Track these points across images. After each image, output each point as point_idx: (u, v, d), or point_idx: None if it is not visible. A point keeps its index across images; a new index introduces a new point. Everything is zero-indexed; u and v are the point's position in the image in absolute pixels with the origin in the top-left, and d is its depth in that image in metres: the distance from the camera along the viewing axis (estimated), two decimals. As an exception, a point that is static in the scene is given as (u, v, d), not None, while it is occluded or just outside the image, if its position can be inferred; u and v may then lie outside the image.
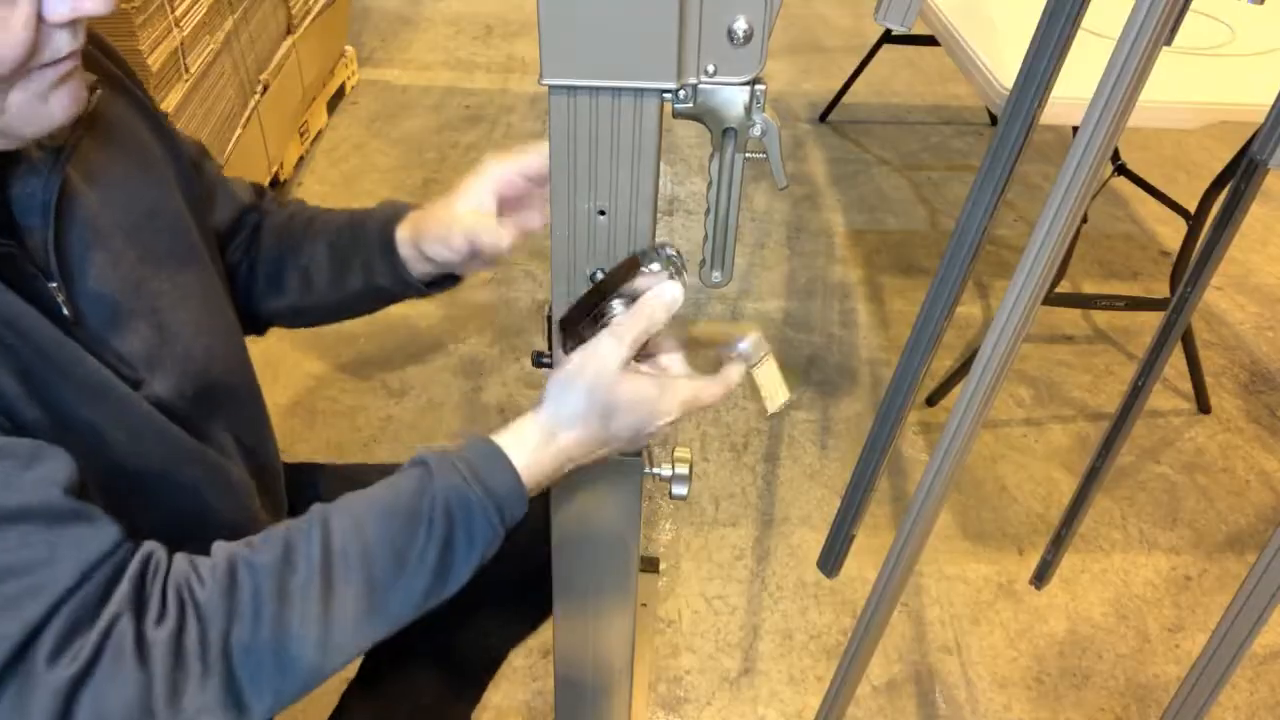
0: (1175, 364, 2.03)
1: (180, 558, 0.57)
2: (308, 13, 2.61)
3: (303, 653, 0.56)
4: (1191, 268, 0.90)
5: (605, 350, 0.63)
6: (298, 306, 0.89)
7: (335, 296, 0.88)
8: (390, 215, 0.85)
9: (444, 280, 0.86)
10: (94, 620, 0.51)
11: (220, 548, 0.58)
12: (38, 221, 0.61)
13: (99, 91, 0.64)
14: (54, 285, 0.61)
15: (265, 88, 2.28)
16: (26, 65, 0.53)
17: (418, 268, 0.83)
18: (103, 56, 0.72)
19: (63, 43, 0.54)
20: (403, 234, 0.83)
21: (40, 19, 0.52)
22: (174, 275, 0.71)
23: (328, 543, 0.58)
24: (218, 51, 2.03)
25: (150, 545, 0.56)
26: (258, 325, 0.91)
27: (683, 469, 0.79)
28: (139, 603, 0.53)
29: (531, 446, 0.64)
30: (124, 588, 0.53)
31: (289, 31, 2.51)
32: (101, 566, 0.53)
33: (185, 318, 0.71)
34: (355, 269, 0.85)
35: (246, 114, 2.18)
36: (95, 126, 0.66)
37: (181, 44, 1.85)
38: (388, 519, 0.60)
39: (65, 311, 0.62)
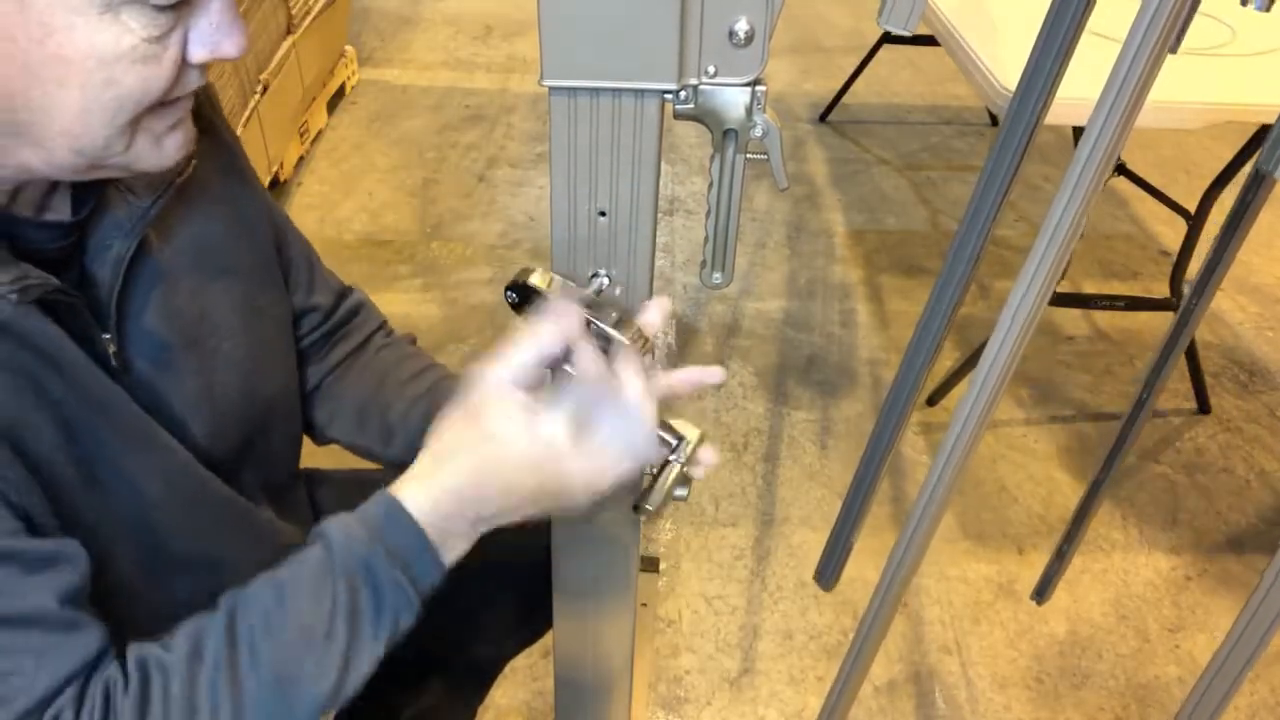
0: (1175, 364, 2.02)
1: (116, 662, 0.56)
2: (308, 13, 2.61)
3: None
4: (1197, 276, 0.89)
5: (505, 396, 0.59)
6: (368, 450, 0.85)
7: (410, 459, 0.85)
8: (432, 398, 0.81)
9: None
10: None
11: (133, 648, 0.57)
12: (107, 275, 0.62)
13: (194, 161, 0.65)
14: (107, 337, 0.62)
15: (265, 88, 2.28)
16: (162, 100, 0.55)
17: None
18: (205, 103, 0.73)
19: (193, 81, 0.57)
20: None
21: (183, 60, 0.55)
22: (231, 336, 0.71)
23: (233, 634, 0.56)
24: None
25: (119, 658, 0.56)
26: (316, 436, 0.87)
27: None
28: (77, 708, 0.53)
29: (425, 483, 0.59)
30: (68, 696, 0.53)
31: (289, 31, 2.50)
32: (73, 681, 0.53)
33: (233, 380, 0.71)
34: (383, 440, 0.83)
35: (246, 114, 2.18)
36: (182, 195, 0.67)
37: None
38: (290, 598, 0.57)
39: (114, 362, 0.62)
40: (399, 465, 0.75)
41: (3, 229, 0.57)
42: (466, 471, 0.58)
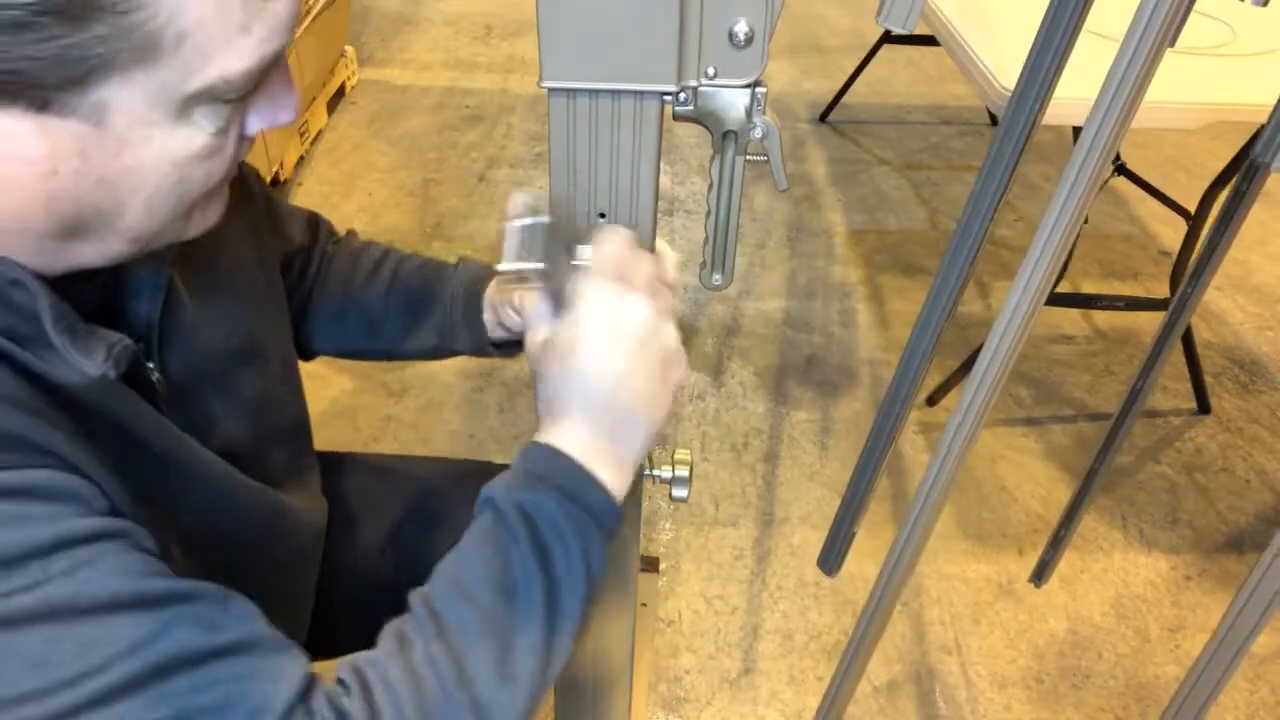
0: (1175, 364, 2.03)
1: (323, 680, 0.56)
2: (308, 13, 2.61)
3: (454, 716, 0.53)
4: (1192, 268, 0.90)
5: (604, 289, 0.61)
6: (357, 349, 0.90)
7: (401, 348, 0.89)
8: (474, 277, 0.85)
9: (512, 345, 0.85)
10: None
11: (343, 661, 0.56)
12: (145, 307, 0.62)
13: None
14: (151, 365, 0.62)
15: (265, 88, 2.28)
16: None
17: (493, 333, 0.84)
18: None
19: (244, 150, 0.57)
20: (487, 298, 0.83)
21: (242, 136, 0.55)
22: (245, 334, 0.72)
23: (430, 607, 0.56)
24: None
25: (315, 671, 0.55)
26: (304, 354, 0.91)
27: (683, 471, 0.79)
28: None
29: (563, 426, 0.60)
30: (299, 709, 0.51)
31: (289, 31, 2.50)
32: (307, 692, 0.52)
33: (252, 376, 0.72)
34: (429, 328, 0.86)
35: (246, 114, 2.18)
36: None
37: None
38: (473, 558, 0.58)
39: (159, 390, 0.62)
40: (389, 353, 0.89)
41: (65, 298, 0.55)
42: (586, 392, 0.59)
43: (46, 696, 0.46)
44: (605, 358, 0.59)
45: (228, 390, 0.70)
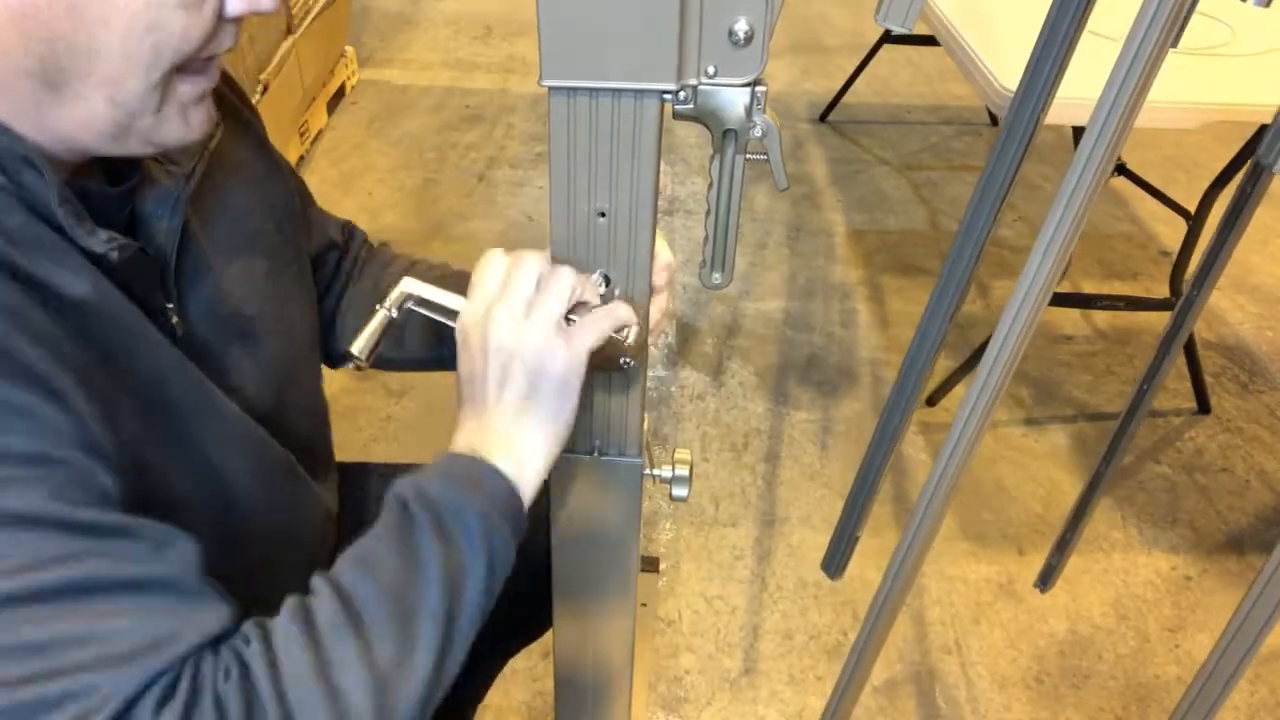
0: (1175, 364, 2.02)
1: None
2: (308, 13, 2.61)
3: (354, 689, 0.53)
4: (1196, 271, 0.89)
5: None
6: (388, 358, 0.89)
7: (424, 357, 0.88)
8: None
9: None
10: (187, 679, 0.51)
11: (250, 620, 0.57)
12: (163, 241, 0.64)
13: (222, 126, 0.67)
14: (171, 306, 0.64)
15: (265, 88, 2.28)
16: (198, 55, 0.56)
17: None
18: (225, 87, 0.74)
19: (227, 39, 0.58)
20: None
21: (221, 13, 0.56)
22: (268, 300, 0.73)
23: (332, 579, 0.57)
24: (217, 51, 2.03)
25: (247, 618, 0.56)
26: (332, 361, 0.92)
27: (683, 470, 0.79)
28: (215, 661, 0.52)
29: (461, 420, 0.64)
30: (213, 654, 0.52)
31: (289, 31, 2.50)
32: (214, 645, 0.53)
33: (275, 344, 0.74)
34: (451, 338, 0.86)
35: (246, 114, 2.18)
36: (213, 153, 0.69)
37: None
38: (376, 537, 0.59)
39: (178, 331, 0.64)
40: (406, 365, 0.89)
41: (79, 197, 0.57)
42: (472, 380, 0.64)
43: None
44: (481, 343, 0.64)
45: (251, 353, 0.71)
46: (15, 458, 0.50)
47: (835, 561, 1.16)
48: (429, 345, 0.87)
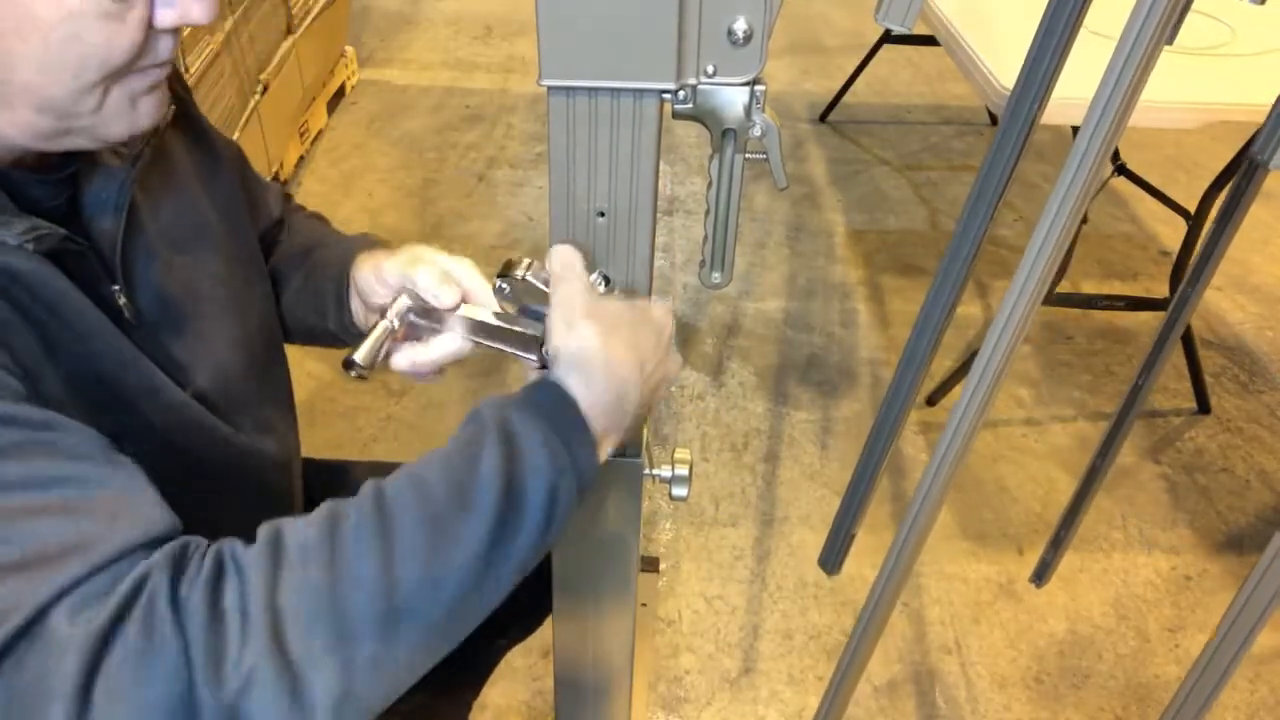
0: (1175, 364, 2.03)
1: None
2: (308, 13, 2.61)
3: (362, 602, 0.48)
4: (1192, 267, 0.90)
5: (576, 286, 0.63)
6: (323, 332, 0.85)
7: (308, 327, 0.85)
8: (349, 251, 0.79)
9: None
10: (121, 581, 0.46)
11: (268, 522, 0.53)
12: (109, 224, 0.63)
13: (173, 106, 0.67)
14: (116, 288, 0.63)
15: (265, 88, 2.28)
16: (131, 66, 0.55)
17: (360, 317, 0.79)
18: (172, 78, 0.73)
19: (164, 49, 0.57)
20: (358, 272, 0.77)
21: (150, 24, 0.55)
22: (216, 286, 0.73)
23: (379, 491, 0.52)
24: (218, 51, 2.03)
25: (197, 537, 0.53)
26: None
27: (683, 470, 0.79)
28: (175, 567, 0.48)
29: (568, 369, 0.59)
30: (159, 555, 0.48)
31: (289, 31, 2.51)
32: (152, 545, 0.49)
33: (222, 329, 0.73)
34: (313, 308, 0.82)
35: (246, 114, 2.18)
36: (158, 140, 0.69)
37: (181, 44, 1.85)
38: (441, 459, 0.54)
39: (126, 314, 0.64)
40: (340, 334, 0.83)
41: (4, 185, 0.57)
42: (602, 349, 0.59)
43: None
44: (604, 344, 0.60)
45: (204, 338, 0.70)
46: None
47: (832, 558, 1.17)
48: (308, 317, 0.83)
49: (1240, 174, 0.83)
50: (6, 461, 0.48)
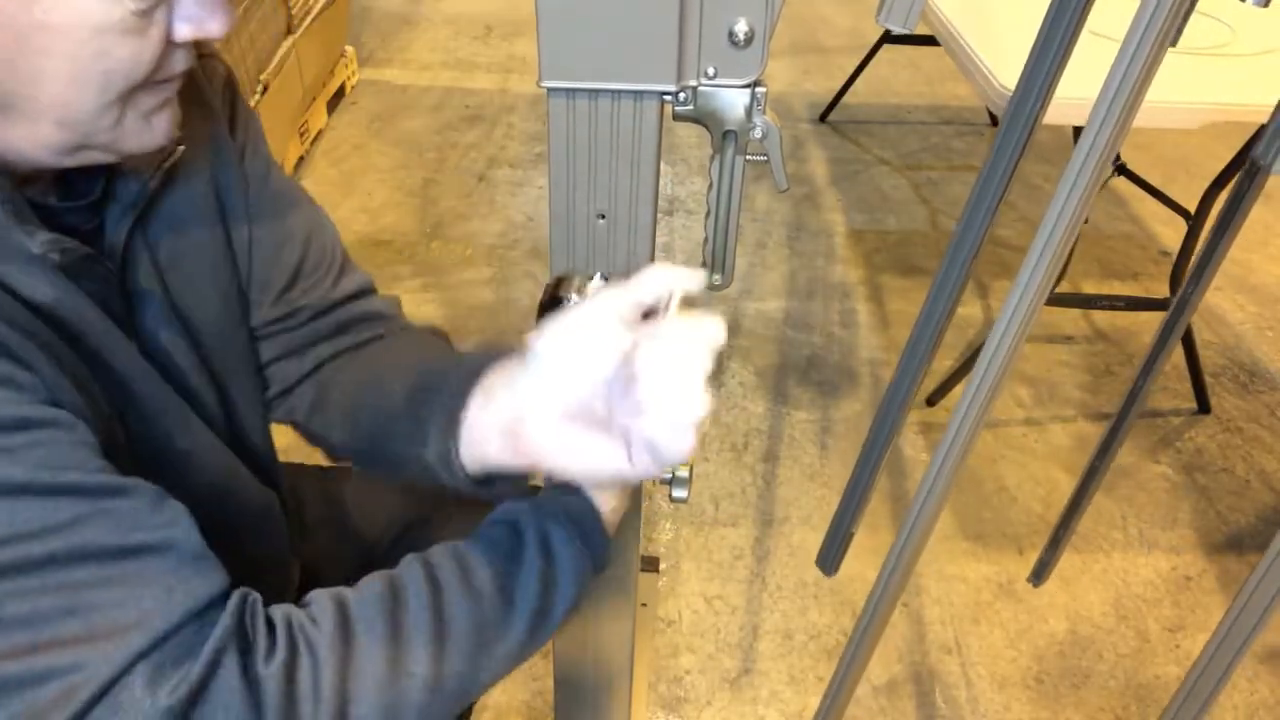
0: (1175, 364, 2.03)
1: (275, 606, 0.56)
2: (308, 13, 2.61)
3: (413, 690, 0.55)
4: (1192, 269, 0.90)
5: None
6: (344, 450, 0.78)
7: (391, 463, 0.73)
8: (472, 371, 0.64)
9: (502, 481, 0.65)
10: (196, 655, 0.50)
11: (321, 591, 0.57)
12: (117, 221, 0.64)
13: (181, 147, 0.66)
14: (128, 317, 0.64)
15: (265, 88, 2.28)
16: (150, 79, 0.56)
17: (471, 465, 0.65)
18: (210, 93, 0.72)
19: (179, 62, 0.58)
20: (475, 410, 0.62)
21: (168, 38, 0.56)
22: (217, 323, 0.72)
23: (433, 577, 0.58)
24: (217, 52, 2.02)
25: (242, 588, 0.56)
26: (309, 433, 0.82)
27: (683, 472, 0.79)
28: (243, 639, 0.52)
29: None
30: (225, 624, 0.52)
31: (289, 31, 2.51)
32: (210, 610, 0.52)
33: (229, 361, 0.73)
34: (416, 442, 0.67)
35: (246, 114, 2.18)
36: (169, 177, 0.68)
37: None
38: (488, 560, 0.60)
39: (138, 337, 0.64)
40: (361, 457, 0.76)
41: (33, 209, 0.57)
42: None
43: None
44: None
45: (205, 367, 0.71)
46: (3, 424, 0.49)
47: (830, 559, 1.17)
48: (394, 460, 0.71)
49: (1241, 176, 0.83)
50: (69, 533, 0.50)
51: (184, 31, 0.56)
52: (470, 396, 0.62)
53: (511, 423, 0.57)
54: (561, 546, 0.62)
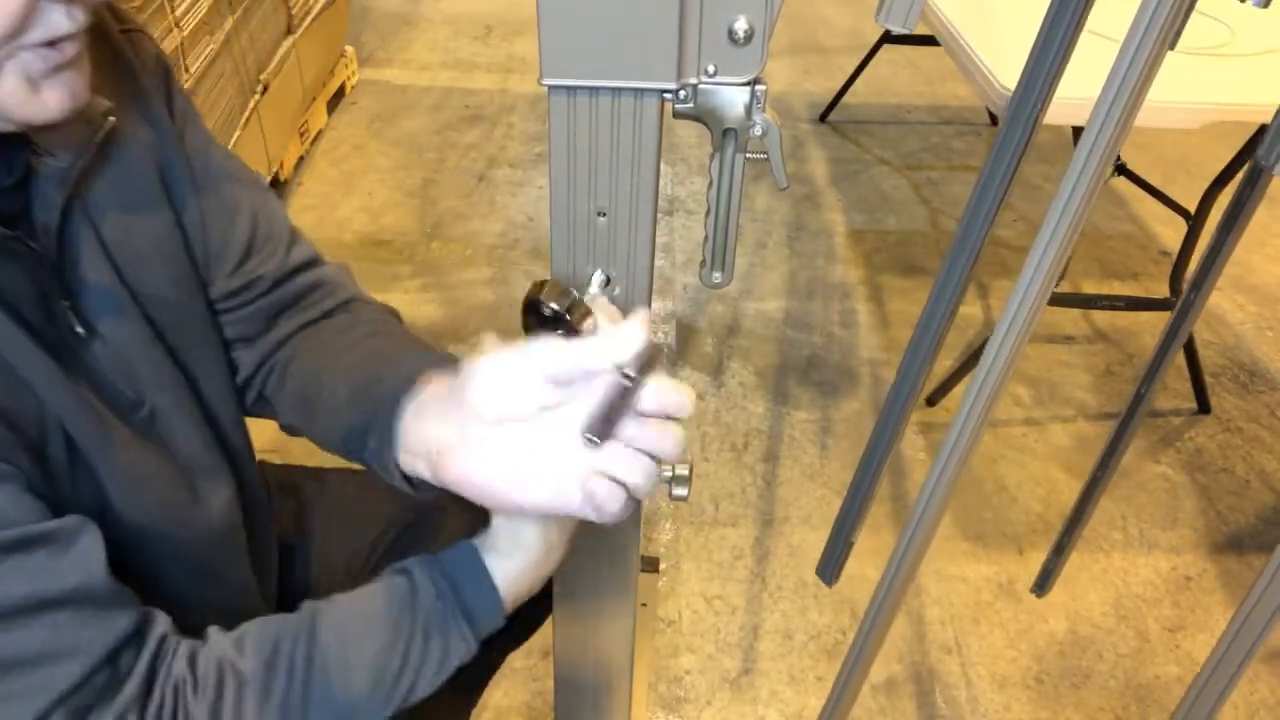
0: (1175, 364, 2.02)
1: (180, 653, 0.57)
2: (308, 13, 2.61)
3: None
4: (1194, 272, 0.89)
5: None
6: (303, 430, 0.77)
7: (328, 437, 0.74)
8: (407, 377, 0.65)
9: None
10: (107, 706, 0.52)
11: (211, 649, 0.58)
12: (44, 239, 0.60)
13: (111, 119, 0.62)
14: (66, 304, 0.61)
15: (265, 88, 2.28)
16: (16, 39, 0.51)
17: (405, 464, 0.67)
18: (141, 71, 0.69)
19: (57, 22, 0.52)
20: (414, 405, 0.64)
21: None
22: (168, 309, 0.69)
23: (310, 657, 0.59)
24: (217, 52, 2.03)
25: (160, 627, 0.57)
26: (266, 413, 0.81)
27: (683, 470, 0.79)
28: (144, 703, 0.54)
29: (503, 552, 0.64)
30: (134, 683, 0.54)
31: (289, 31, 2.50)
32: (122, 653, 0.54)
33: (183, 342, 0.70)
34: (359, 440, 0.68)
35: (246, 114, 2.18)
36: (106, 153, 0.64)
37: (181, 44, 1.84)
38: (371, 635, 0.61)
39: (79, 328, 0.62)
40: (326, 444, 0.74)
41: None
42: (539, 544, 0.64)
43: None
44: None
45: (157, 351, 0.67)
46: None
47: (830, 568, 1.16)
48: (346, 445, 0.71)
49: (1244, 179, 0.83)
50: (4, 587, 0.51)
51: None
52: (404, 409, 0.63)
53: (437, 453, 0.59)
54: (444, 639, 0.62)
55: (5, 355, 0.56)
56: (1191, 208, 1.88)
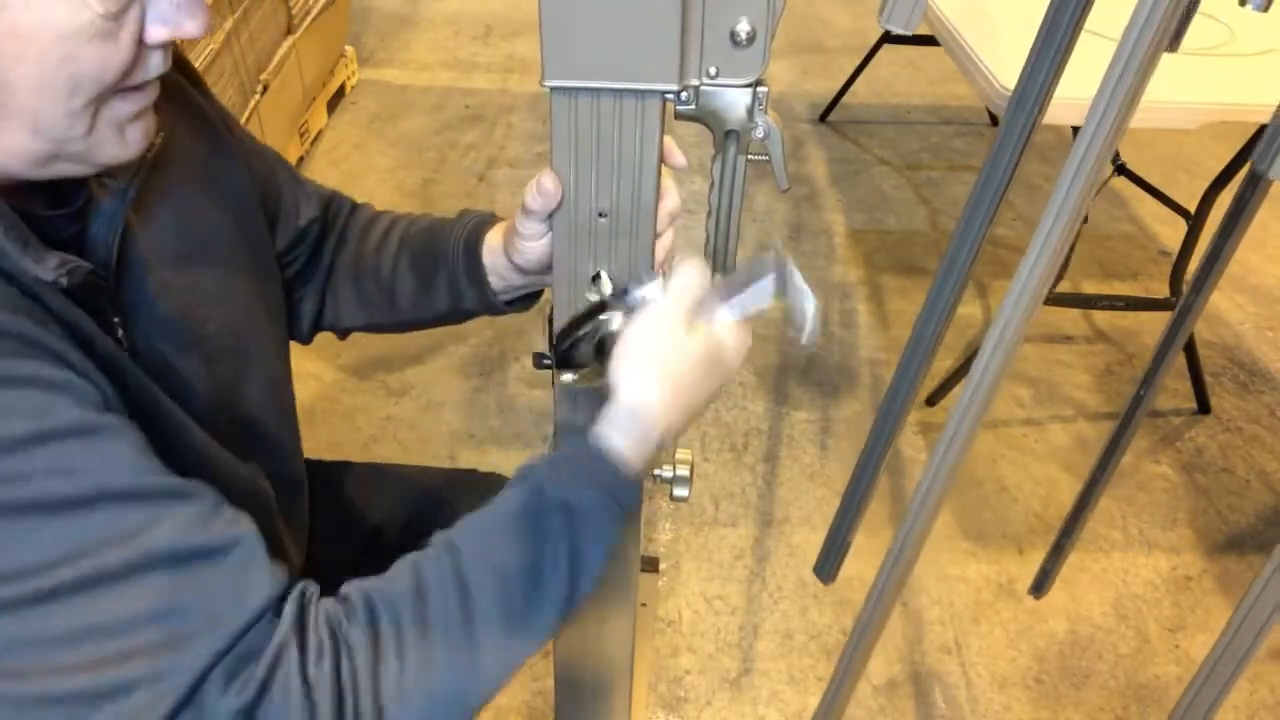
0: (1175, 364, 2.02)
1: (321, 597, 0.57)
2: (308, 13, 2.61)
3: (451, 683, 0.56)
4: (1195, 274, 0.90)
5: (660, 321, 0.63)
6: (381, 322, 0.89)
7: (421, 314, 0.87)
8: (474, 228, 0.83)
9: (526, 298, 0.85)
10: (261, 654, 0.52)
11: (353, 584, 0.58)
12: (101, 259, 0.62)
13: (162, 134, 0.65)
14: (117, 320, 0.63)
15: (265, 88, 2.28)
16: (122, 84, 0.55)
17: (507, 279, 0.81)
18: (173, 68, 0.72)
19: (155, 65, 0.56)
20: (491, 243, 0.81)
21: (141, 40, 0.54)
22: (219, 305, 0.72)
23: (458, 568, 0.58)
24: (218, 51, 2.03)
25: (302, 581, 0.57)
26: (337, 330, 0.91)
27: (683, 470, 0.79)
28: (302, 637, 0.53)
29: (624, 429, 0.63)
30: (286, 624, 0.53)
31: (289, 31, 2.51)
32: (274, 607, 0.54)
33: (226, 348, 0.72)
34: (440, 290, 0.84)
35: (246, 114, 2.18)
36: (157, 159, 0.67)
37: (181, 44, 1.85)
38: (512, 535, 0.60)
39: (125, 345, 0.63)
40: (413, 321, 0.88)
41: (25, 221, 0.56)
42: (659, 409, 0.63)
43: (20, 579, 0.48)
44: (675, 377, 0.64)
45: (204, 365, 0.69)
46: (62, 432, 0.50)
47: (828, 567, 1.17)
48: (453, 293, 0.84)
49: (1244, 183, 0.83)
50: (140, 540, 0.50)
51: (158, 34, 0.54)
52: (478, 251, 0.80)
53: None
54: (584, 508, 0.61)
55: (100, 349, 0.58)
56: (1191, 208, 1.88)
